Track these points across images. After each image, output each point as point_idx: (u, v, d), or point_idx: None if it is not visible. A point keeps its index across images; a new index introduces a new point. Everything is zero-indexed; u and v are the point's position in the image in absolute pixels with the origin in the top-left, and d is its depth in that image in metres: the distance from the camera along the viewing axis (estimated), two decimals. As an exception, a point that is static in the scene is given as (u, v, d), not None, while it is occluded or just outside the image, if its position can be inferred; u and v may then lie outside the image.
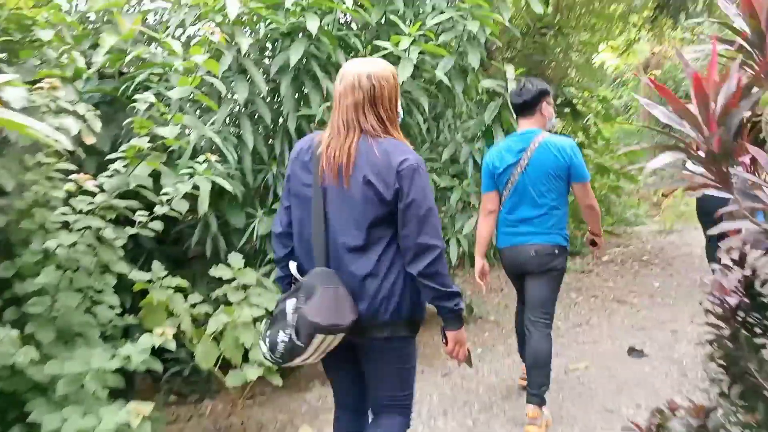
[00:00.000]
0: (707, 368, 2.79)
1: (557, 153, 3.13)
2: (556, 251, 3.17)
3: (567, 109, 8.32)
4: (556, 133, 3.52)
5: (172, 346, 2.48)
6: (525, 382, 3.57)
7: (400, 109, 2.04)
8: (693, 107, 1.89)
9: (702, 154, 1.98)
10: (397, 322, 1.94)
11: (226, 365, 3.01)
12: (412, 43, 3.59)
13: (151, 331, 2.59)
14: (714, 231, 2.03)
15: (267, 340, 1.93)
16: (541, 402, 3.10)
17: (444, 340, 2.04)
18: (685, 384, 3.70)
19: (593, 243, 3.53)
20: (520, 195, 3.19)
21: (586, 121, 9.22)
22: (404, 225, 1.87)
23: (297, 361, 1.92)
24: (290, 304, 1.88)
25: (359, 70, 1.93)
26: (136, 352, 2.38)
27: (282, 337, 1.87)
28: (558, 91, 8.05)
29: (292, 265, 2.02)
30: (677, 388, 3.63)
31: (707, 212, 6.01)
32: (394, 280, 1.91)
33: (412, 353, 2.09)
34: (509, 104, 3.83)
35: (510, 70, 4.01)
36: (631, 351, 4.34)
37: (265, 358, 1.97)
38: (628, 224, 11.15)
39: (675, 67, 16.60)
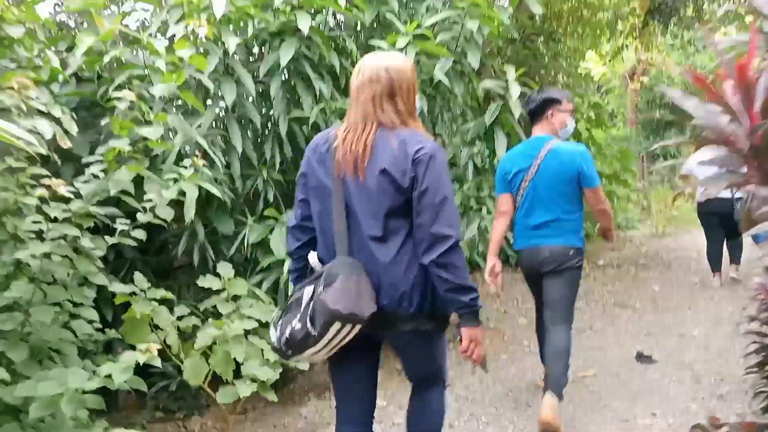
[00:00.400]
0: (750, 380, 2.62)
1: (566, 159, 3.17)
2: (572, 252, 3.17)
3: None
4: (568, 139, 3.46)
5: (157, 363, 2.27)
6: (543, 384, 3.43)
7: (418, 102, 2.01)
8: (733, 99, 1.74)
9: (741, 148, 1.83)
10: (421, 315, 1.89)
11: (216, 380, 2.81)
12: (409, 43, 3.44)
13: (134, 347, 2.39)
14: (755, 230, 1.89)
15: (278, 329, 1.89)
16: (557, 393, 2.99)
17: (459, 338, 1.95)
18: (700, 391, 3.53)
19: (605, 236, 3.54)
20: (532, 200, 3.23)
21: (576, 125, 9.13)
22: (419, 213, 1.82)
23: (306, 354, 1.85)
24: (308, 291, 1.84)
25: (377, 63, 1.92)
26: (118, 371, 2.17)
27: (295, 325, 1.81)
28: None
29: (312, 255, 1.98)
30: (692, 396, 3.47)
31: (711, 212, 5.90)
32: (416, 272, 1.86)
33: (442, 341, 2.08)
34: (510, 106, 3.78)
35: (511, 72, 3.87)
36: (640, 357, 4.18)
37: (273, 349, 1.92)
38: (621, 228, 11.10)
39: (661, 73, 16.69)
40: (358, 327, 1.80)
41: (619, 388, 3.65)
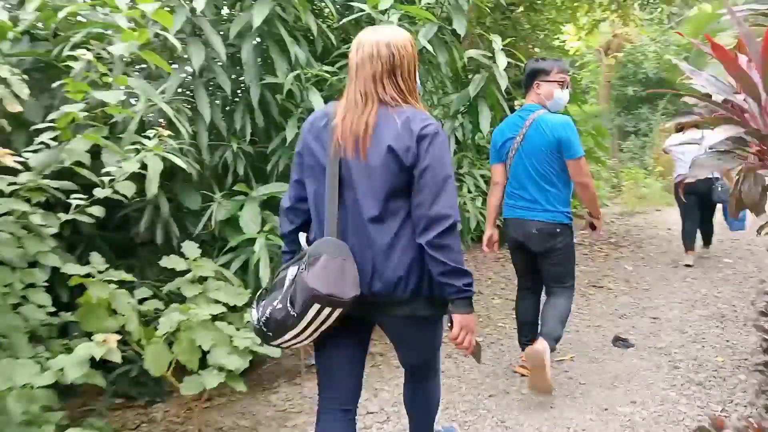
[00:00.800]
0: (759, 379, 2.53)
1: (547, 130, 3.16)
2: (558, 230, 3.21)
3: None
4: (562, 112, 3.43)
5: (116, 358, 2.06)
6: (522, 370, 3.52)
7: (418, 79, 1.96)
8: (755, 75, 1.59)
9: (758, 129, 1.68)
10: (417, 299, 1.86)
11: (180, 367, 2.62)
12: (392, 6, 3.21)
13: (90, 334, 2.19)
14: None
15: (260, 309, 1.85)
16: (550, 342, 3.08)
17: (449, 325, 1.89)
18: (678, 377, 3.48)
19: (592, 227, 3.49)
20: (517, 170, 3.27)
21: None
22: (418, 192, 1.78)
23: (287, 337, 1.81)
24: (292, 271, 1.81)
25: (377, 38, 1.86)
26: (72, 365, 1.96)
27: (277, 305, 1.78)
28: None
29: (302, 236, 1.94)
30: (671, 382, 3.41)
31: (692, 192, 5.86)
32: (413, 255, 1.82)
33: (438, 328, 2.05)
34: (496, 77, 3.63)
35: (497, 41, 3.67)
36: (617, 340, 4.12)
37: (254, 331, 1.89)
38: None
39: (635, 48, 16.63)
40: (339, 310, 1.76)
41: (598, 373, 3.58)
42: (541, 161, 3.18)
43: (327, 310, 1.74)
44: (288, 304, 1.75)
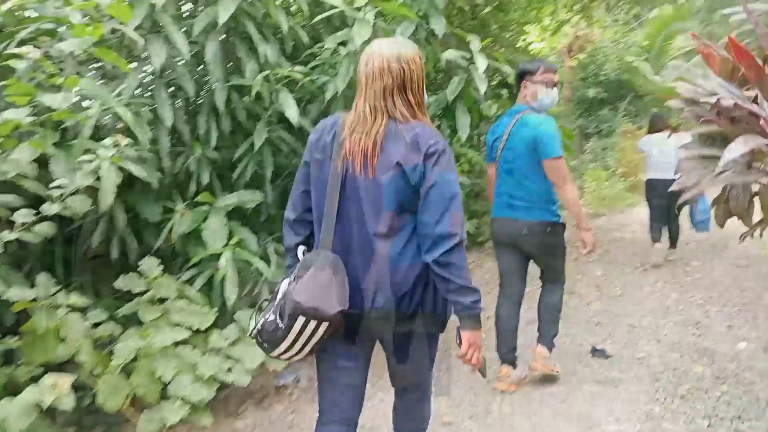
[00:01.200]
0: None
1: (526, 129, 3.19)
2: (548, 229, 3.23)
3: (504, 91, 7.97)
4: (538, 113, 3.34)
5: (68, 404, 1.82)
6: (502, 386, 3.41)
7: (425, 93, 1.92)
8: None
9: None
10: (420, 315, 1.86)
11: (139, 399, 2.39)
12: (368, 2, 3.03)
13: (37, 366, 1.94)
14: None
15: (256, 321, 1.87)
16: (548, 344, 3.38)
17: (458, 341, 1.88)
18: (660, 390, 3.40)
19: (583, 238, 3.35)
20: (504, 168, 3.30)
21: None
22: (425, 210, 1.77)
23: (281, 349, 1.79)
24: (284, 284, 1.82)
25: (388, 52, 1.83)
26: (17, 414, 1.71)
27: (269, 317, 1.80)
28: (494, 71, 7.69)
29: (300, 250, 1.95)
30: (653, 396, 3.33)
31: (660, 194, 5.93)
32: (419, 271, 1.82)
33: (436, 346, 2.04)
34: (475, 80, 3.51)
35: (475, 42, 3.53)
36: (594, 351, 4.03)
37: (257, 343, 1.87)
38: (555, 207, 11.07)
39: (597, 50, 16.80)
40: (325, 324, 1.74)
41: (579, 388, 3.47)
42: (524, 160, 3.19)
43: (313, 324, 1.73)
44: (278, 317, 1.76)
